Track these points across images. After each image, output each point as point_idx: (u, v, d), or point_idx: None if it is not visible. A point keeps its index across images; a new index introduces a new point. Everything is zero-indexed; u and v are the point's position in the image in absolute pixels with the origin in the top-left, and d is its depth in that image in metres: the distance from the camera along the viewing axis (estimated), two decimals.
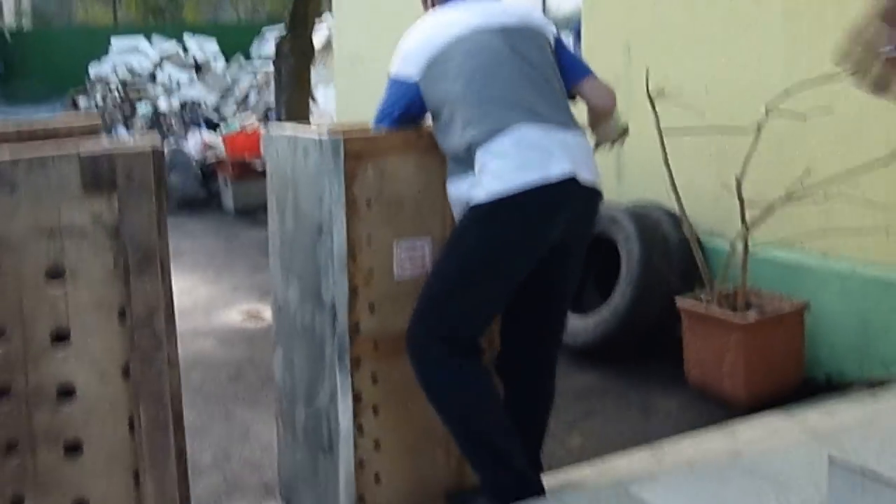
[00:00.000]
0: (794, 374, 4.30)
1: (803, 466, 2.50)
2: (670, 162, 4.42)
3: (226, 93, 12.63)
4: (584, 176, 2.73)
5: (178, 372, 1.56)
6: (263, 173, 3.43)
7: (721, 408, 4.11)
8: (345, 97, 9.20)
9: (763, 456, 2.63)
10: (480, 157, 2.67)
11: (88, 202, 1.54)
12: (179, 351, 1.73)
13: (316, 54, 9.05)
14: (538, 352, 3.01)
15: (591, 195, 2.82)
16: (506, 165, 2.63)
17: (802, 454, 2.65)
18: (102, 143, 1.61)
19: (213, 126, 10.85)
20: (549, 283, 2.88)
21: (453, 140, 2.76)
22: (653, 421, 4.10)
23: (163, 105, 12.02)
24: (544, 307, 2.95)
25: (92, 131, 2.03)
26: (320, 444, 3.04)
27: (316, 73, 9.90)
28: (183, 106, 11.76)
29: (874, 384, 4.14)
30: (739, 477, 2.46)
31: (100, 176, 1.52)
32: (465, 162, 2.73)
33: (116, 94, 13.08)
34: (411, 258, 2.98)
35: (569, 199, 2.71)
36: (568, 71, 2.97)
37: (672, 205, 4.62)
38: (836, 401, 3.82)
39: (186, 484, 1.57)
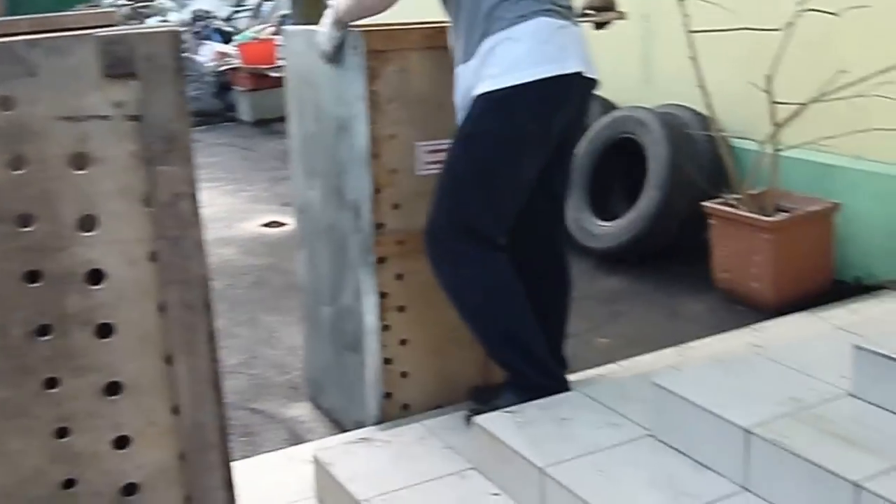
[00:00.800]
0: (824, 276, 4.31)
1: (828, 356, 2.54)
2: (699, 63, 4.38)
3: (238, 3, 12.52)
4: (589, 71, 2.74)
5: (204, 256, 1.60)
6: (280, 83, 3.44)
7: (749, 310, 4.14)
8: None
9: (787, 348, 2.67)
10: (492, 42, 2.64)
11: (109, 87, 1.56)
12: None
13: None
14: (548, 247, 3.03)
15: (591, 88, 2.83)
16: (521, 55, 2.62)
17: (827, 345, 2.69)
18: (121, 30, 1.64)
19: (226, 38, 10.78)
20: (550, 177, 2.88)
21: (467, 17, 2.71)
22: (680, 323, 4.14)
23: (173, 18, 11.94)
24: (549, 201, 2.95)
25: (108, 25, 2.04)
26: (346, 343, 3.11)
27: None
28: (195, 18, 11.68)
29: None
30: (763, 367, 2.51)
31: (119, 60, 1.53)
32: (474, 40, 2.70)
33: (126, 8, 13.00)
34: (435, 157, 3.00)
35: (577, 92, 2.73)
36: None
37: (701, 107, 4.59)
38: (863, 300, 3.85)
39: (217, 365, 1.62)
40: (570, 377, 3.05)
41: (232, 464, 1.72)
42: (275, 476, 2.78)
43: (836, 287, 4.31)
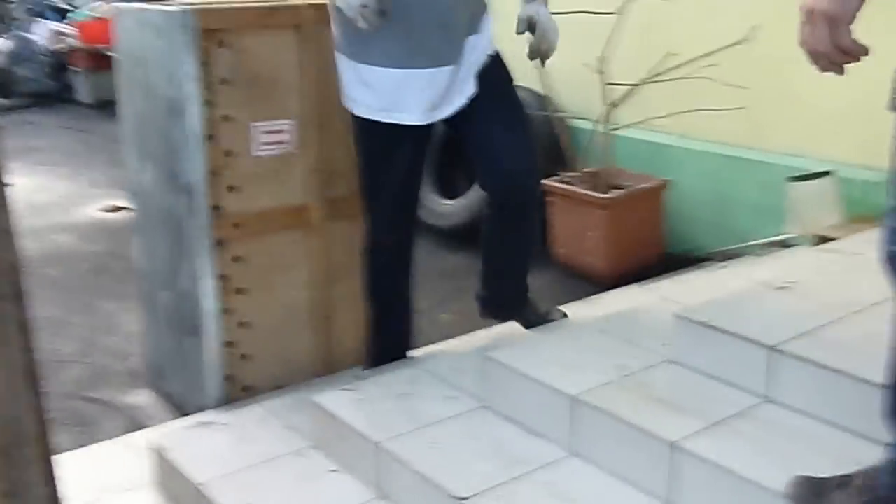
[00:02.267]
0: (655, 250, 4.49)
1: (652, 325, 2.66)
2: None
3: None
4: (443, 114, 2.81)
5: (14, 242, 1.54)
6: None
7: (586, 283, 4.28)
8: None
9: (615, 318, 2.78)
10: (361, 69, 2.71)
11: None
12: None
13: None
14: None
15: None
16: (374, 99, 2.71)
17: (652, 315, 2.81)
18: None
19: (62, 15, 10.37)
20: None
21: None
22: None
23: None
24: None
25: None
26: (185, 328, 3.07)
27: None
28: None
29: (729, 255, 4.37)
30: (592, 337, 2.60)
31: None
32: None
33: None
34: (272, 138, 2.98)
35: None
36: None
37: (539, 87, 4.69)
38: (691, 272, 4.02)
39: (32, 356, 1.58)
40: (412, 353, 3.11)
41: (57, 456, 1.67)
42: (112, 465, 2.73)
43: (668, 259, 4.49)
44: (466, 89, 2.80)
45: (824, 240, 3.63)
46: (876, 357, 1.95)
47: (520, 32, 2.90)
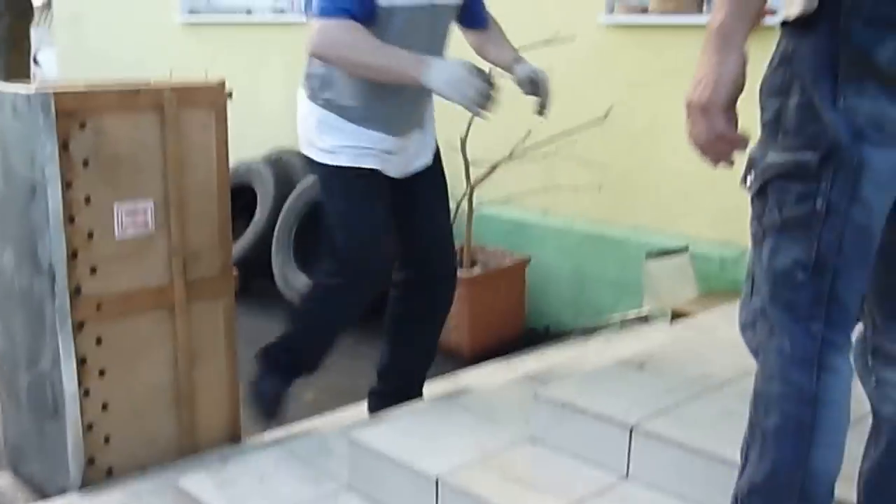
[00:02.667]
0: (517, 326, 4.59)
1: (514, 403, 2.72)
2: None
3: None
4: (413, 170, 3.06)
5: None
6: None
7: (449, 359, 4.32)
8: (67, 57, 8.79)
9: (477, 396, 2.83)
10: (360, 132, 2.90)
11: None
12: None
13: (35, 13, 8.55)
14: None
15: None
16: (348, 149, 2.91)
17: (513, 393, 2.87)
18: None
19: None
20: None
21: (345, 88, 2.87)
22: None
23: None
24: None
25: None
26: (46, 410, 2.98)
27: (36, 34, 9.36)
28: None
29: (588, 331, 4.50)
30: (456, 414, 2.65)
31: None
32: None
33: None
34: (133, 219, 2.95)
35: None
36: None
37: None
38: (552, 348, 4.13)
39: None
40: (273, 435, 3.11)
41: None
42: None
43: (529, 335, 4.59)
44: (428, 153, 3.12)
45: (681, 315, 3.79)
46: (731, 434, 2.05)
47: (528, 93, 2.99)
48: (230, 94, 3.08)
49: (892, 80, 1.42)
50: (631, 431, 2.30)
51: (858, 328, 1.70)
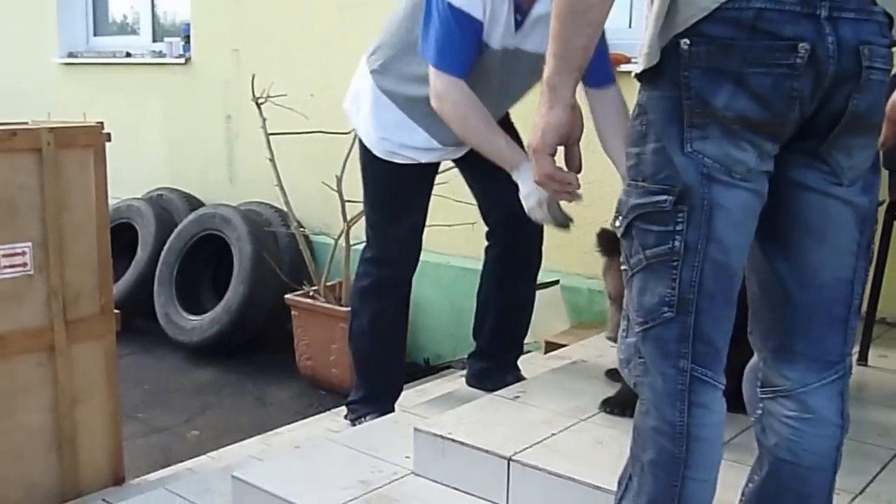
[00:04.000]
0: None
1: (394, 438, 2.69)
2: (278, 164, 4.52)
3: None
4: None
5: None
6: None
7: (330, 394, 4.28)
8: None
9: (358, 432, 2.79)
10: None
11: None
12: None
13: None
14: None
15: None
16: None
17: (394, 427, 2.84)
18: None
19: None
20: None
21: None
22: (268, 410, 4.18)
23: None
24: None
25: None
26: None
27: None
28: None
29: (465, 364, 4.50)
30: (336, 452, 2.60)
31: None
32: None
33: None
34: (11, 261, 2.83)
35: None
36: None
37: (282, 205, 4.72)
38: (431, 381, 4.12)
39: None
40: (156, 475, 3.00)
41: None
42: None
43: (409, 368, 4.56)
44: None
45: (554, 346, 3.82)
46: (605, 462, 2.07)
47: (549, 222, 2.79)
48: (108, 136, 2.99)
49: (729, 124, 1.47)
50: (509, 462, 2.30)
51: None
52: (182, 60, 5.81)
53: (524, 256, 3.20)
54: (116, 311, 3.09)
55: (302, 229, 4.64)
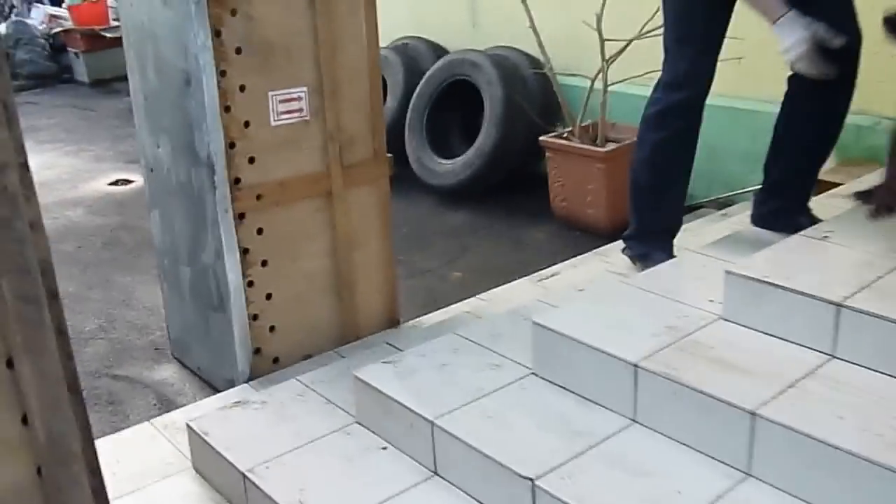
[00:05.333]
0: None
1: (692, 281, 2.33)
2: (534, 3, 4.11)
3: None
4: None
5: (45, 239, 1.18)
6: (114, 42, 2.95)
7: (587, 235, 3.96)
8: None
9: (653, 275, 2.44)
10: None
11: None
12: (47, 223, 1.33)
13: None
14: None
15: None
16: None
17: (686, 267, 2.47)
18: None
19: (57, 1, 9.78)
20: None
21: None
22: (526, 252, 3.92)
23: None
24: None
25: None
26: (210, 302, 2.71)
27: None
28: None
29: (721, 204, 4.06)
30: (634, 295, 2.27)
31: None
32: None
33: None
34: (288, 106, 2.60)
35: None
36: None
37: (529, 48, 4.32)
38: (693, 221, 3.71)
39: (72, 364, 1.22)
40: (431, 318, 2.79)
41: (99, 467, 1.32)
42: (149, 449, 2.37)
43: None
44: None
45: (828, 185, 3.31)
46: None
47: None
48: None
49: None
50: (838, 309, 1.89)
51: None
52: None
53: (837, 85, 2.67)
54: (388, 154, 2.84)
55: (553, 70, 4.23)
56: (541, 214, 4.23)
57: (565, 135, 4.11)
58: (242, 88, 2.51)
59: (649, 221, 2.93)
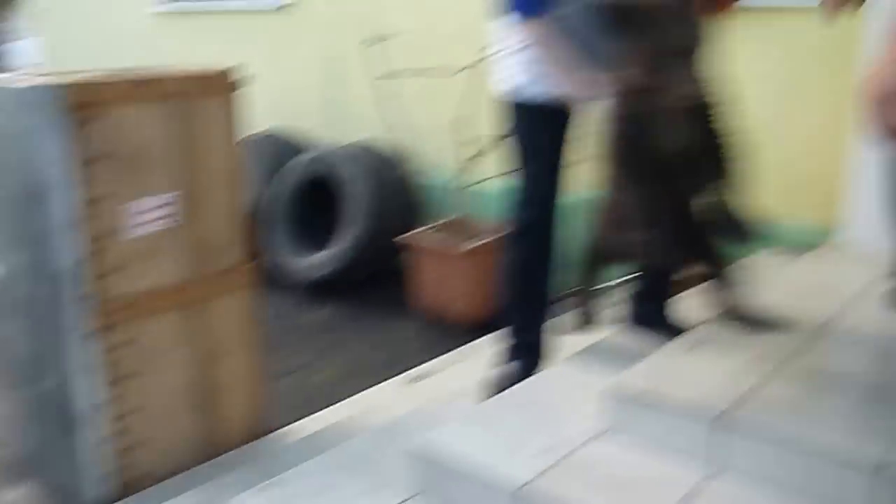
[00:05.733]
0: None
1: (572, 387, 2.28)
2: (393, 103, 4.09)
3: None
4: None
5: None
6: None
7: (452, 329, 3.90)
8: (53, 48, 7.96)
9: (530, 389, 2.36)
10: None
11: None
12: None
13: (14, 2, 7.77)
14: None
15: None
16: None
17: (565, 378, 2.43)
18: None
19: None
20: None
21: None
22: (394, 346, 3.82)
23: None
24: None
25: None
26: (64, 420, 2.47)
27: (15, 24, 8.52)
28: None
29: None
30: (513, 411, 2.19)
31: None
32: None
33: None
34: (154, 214, 2.44)
35: None
36: None
37: (394, 145, 4.30)
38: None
39: None
40: (305, 423, 2.65)
41: None
42: None
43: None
44: None
45: None
46: None
47: None
48: (243, 81, 2.58)
49: None
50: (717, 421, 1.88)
51: None
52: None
53: None
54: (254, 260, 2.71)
55: (415, 168, 4.21)
56: (404, 308, 4.17)
57: (427, 231, 4.08)
58: (103, 198, 2.33)
59: (520, 329, 2.88)
